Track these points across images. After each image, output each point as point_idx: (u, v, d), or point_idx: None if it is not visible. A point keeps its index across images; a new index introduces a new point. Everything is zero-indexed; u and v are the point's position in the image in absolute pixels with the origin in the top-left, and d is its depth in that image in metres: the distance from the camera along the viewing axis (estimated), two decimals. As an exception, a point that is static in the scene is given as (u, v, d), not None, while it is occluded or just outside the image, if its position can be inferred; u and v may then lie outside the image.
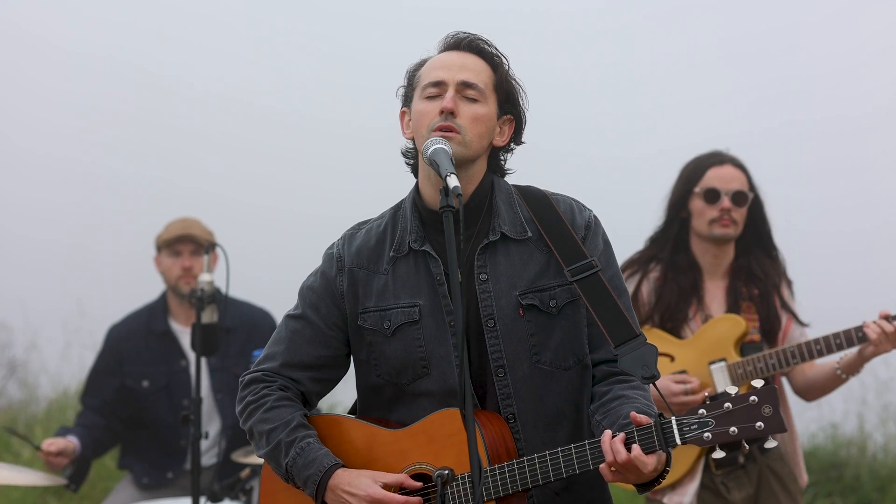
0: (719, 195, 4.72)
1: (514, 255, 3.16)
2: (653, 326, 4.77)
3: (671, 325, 4.76)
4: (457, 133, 3.09)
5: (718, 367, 4.64)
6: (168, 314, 5.85)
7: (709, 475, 4.68)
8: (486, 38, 3.23)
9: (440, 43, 3.25)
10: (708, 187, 4.74)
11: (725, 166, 4.76)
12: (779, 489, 4.72)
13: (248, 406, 3.27)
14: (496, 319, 3.12)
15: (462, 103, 3.12)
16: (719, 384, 4.62)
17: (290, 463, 3.15)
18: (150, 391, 5.74)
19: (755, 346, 4.70)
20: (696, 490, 4.66)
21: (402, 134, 3.25)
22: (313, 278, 3.30)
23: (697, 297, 4.77)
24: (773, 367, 4.57)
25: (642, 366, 3.02)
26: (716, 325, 4.70)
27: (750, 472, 4.70)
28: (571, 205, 3.24)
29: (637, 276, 4.82)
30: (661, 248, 4.84)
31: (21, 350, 9.47)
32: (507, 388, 3.12)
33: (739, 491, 4.68)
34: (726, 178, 4.74)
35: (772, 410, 2.86)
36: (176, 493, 5.67)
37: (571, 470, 2.99)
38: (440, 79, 3.14)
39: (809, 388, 4.78)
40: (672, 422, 2.91)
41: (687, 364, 4.69)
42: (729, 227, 4.74)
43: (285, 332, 3.29)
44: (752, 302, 4.76)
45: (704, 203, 4.75)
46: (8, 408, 9.27)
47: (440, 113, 3.09)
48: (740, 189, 4.74)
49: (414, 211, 3.21)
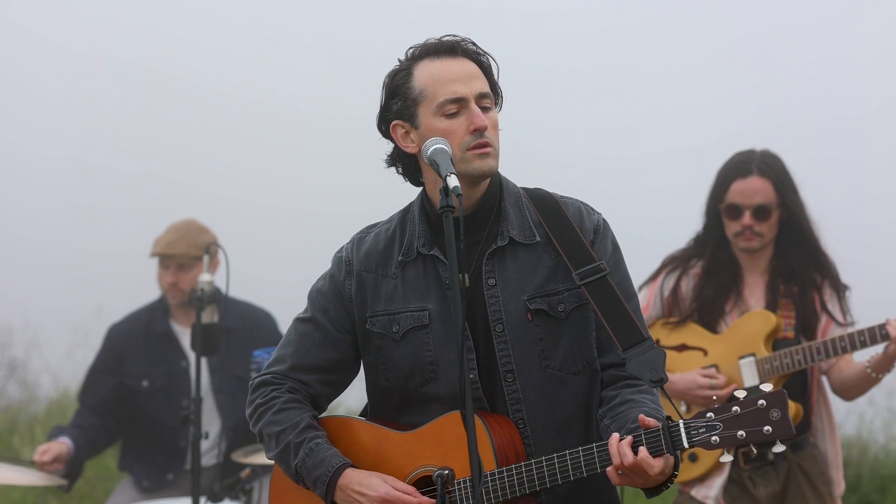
0: (741, 212, 4.74)
1: (522, 260, 3.15)
2: (691, 321, 4.80)
3: (708, 318, 4.80)
4: (490, 147, 3.07)
5: (747, 362, 4.66)
6: (169, 315, 5.85)
7: (737, 469, 4.71)
8: (466, 36, 3.17)
9: (422, 48, 3.15)
10: (730, 203, 4.75)
11: (749, 178, 4.74)
12: (807, 488, 4.73)
13: (257, 409, 3.26)
14: (504, 324, 3.12)
15: (483, 114, 3.09)
16: (747, 379, 4.65)
17: (299, 464, 3.15)
18: (150, 391, 5.73)
19: (789, 342, 4.70)
20: (724, 483, 4.69)
21: (403, 148, 3.17)
22: (322, 281, 3.29)
23: (736, 292, 4.79)
24: (799, 363, 4.59)
25: (650, 369, 3.02)
26: (748, 320, 4.73)
27: (779, 468, 4.72)
28: (580, 208, 3.23)
29: (677, 271, 4.86)
30: (703, 247, 4.86)
31: (21, 350, 9.47)
32: (516, 394, 3.12)
33: (766, 487, 4.70)
34: (749, 192, 4.73)
35: (780, 415, 2.86)
36: (176, 494, 5.67)
37: (579, 472, 2.99)
38: (461, 95, 3.07)
39: (845, 386, 4.78)
40: (679, 425, 2.91)
41: (718, 358, 4.72)
42: (752, 241, 4.75)
43: (295, 334, 3.28)
44: (791, 299, 4.77)
45: (727, 219, 4.77)
46: (8, 408, 9.27)
47: (472, 131, 3.05)
48: (763, 203, 4.73)
49: (422, 215, 3.20)
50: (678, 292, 4.82)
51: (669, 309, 4.85)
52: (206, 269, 4.98)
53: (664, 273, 4.88)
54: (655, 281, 4.90)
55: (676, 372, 4.72)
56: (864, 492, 7.90)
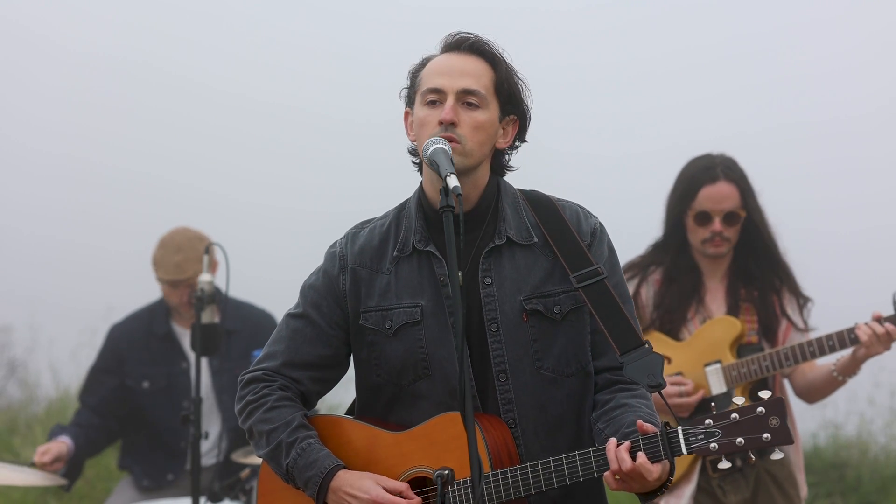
0: (711, 218, 4.71)
1: (519, 260, 3.15)
2: (652, 329, 4.77)
3: (669, 326, 4.76)
4: (457, 143, 3.06)
5: (713, 369, 4.64)
6: (169, 316, 5.84)
7: (705, 478, 4.67)
8: (487, 38, 3.19)
9: (441, 42, 3.21)
10: (700, 210, 4.71)
11: (717, 184, 4.71)
12: (776, 493, 4.72)
13: (248, 405, 3.25)
14: (499, 324, 3.12)
15: (462, 111, 3.09)
16: (714, 386, 4.62)
17: (290, 464, 3.15)
18: (151, 392, 5.73)
19: (753, 347, 4.69)
20: (693, 493, 4.65)
21: (406, 135, 3.23)
22: (315, 277, 3.29)
23: (698, 298, 4.77)
24: (767, 370, 4.58)
25: (648, 374, 3.02)
26: (712, 326, 4.70)
27: (747, 475, 4.69)
28: (577, 211, 3.23)
29: (636, 279, 4.82)
30: (663, 253, 4.83)
31: (21, 350, 9.48)
32: (508, 394, 3.12)
33: (736, 494, 4.68)
34: (718, 197, 4.70)
35: (779, 422, 2.86)
36: (176, 494, 5.67)
37: (575, 477, 2.99)
38: (440, 86, 3.11)
39: (809, 390, 4.77)
40: (678, 431, 2.91)
41: (683, 366, 4.69)
42: (721, 247, 4.73)
43: (286, 330, 3.28)
44: (752, 303, 4.76)
45: (696, 225, 4.74)
46: (8, 408, 9.28)
47: (439, 123, 3.07)
48: (731, 209, 4.71)
49: (419, 211, 3.20)
50: (638, 300, 4.78)
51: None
52: (205, 269, 4.97)
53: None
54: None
55: None
56: (864, 492, 7.90)
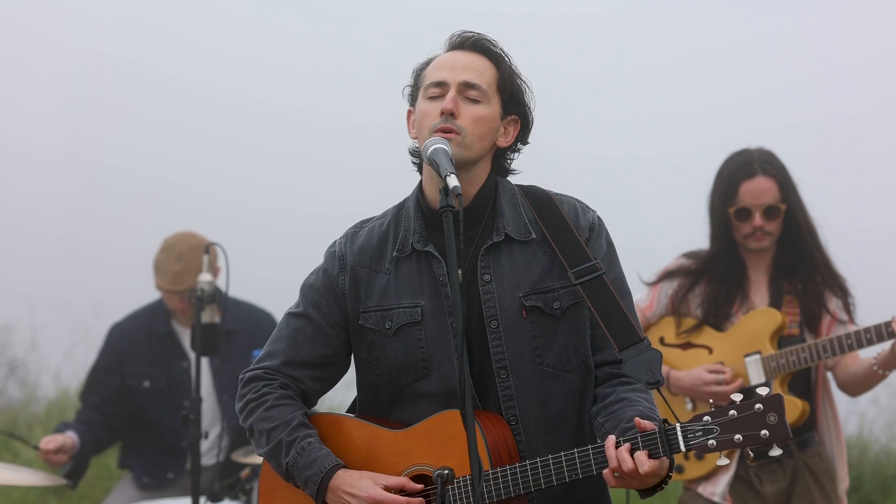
0: (751, 213, 4.74)
1: (517, 257, 3.15)
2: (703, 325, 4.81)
3: (714, 320, 4.80)
4: (456, 134, 3.07)
5: (753, 360, 4.67)
6: (170, 315, 5.84)
7: (743, 467, 4.73)
8: (492, 37, 3.21)
9: (446, 42, 3.23)
10: (740, 206, 4.75)
11: (756, 179, 4.74)
12: (813, 486, 4.74)
13: (248, 404, 3.25)
14: (499, 321, 3.11)
15: (463, 104, 3.10)
16: (753, 376, 4.66)
17: (290, 462, 3.15)
18: (151, 391, 5.73)
19: (795, 339, 4.71)
20: (730, 481, 4.71)
21: (408, 133, 3.24)
22: (315, 276, 3.29)
23: (742, 293, 4.80)
24: (806, 361, 4.61)
25: (647, 371, 3.01)
26: (753, 317, 4.74)
27: (785, 465, 4.73)
28: (575, 206, 3.23)
29: (685, 288, 4.84)
30: (715, 260, 4.83)
31: (21, 350, 9.48)
32: (509, 390, 3.11)
33: (772, 484, 4.72)
34: (757, 192, 4.73)
35: (777, 419, 2.85)
36: (176, 494, 5.67)
37: (575, 475, 2.98)
38: (442, 79, 3.13)
39: (851, 383, 4.79)
40: (676, 428, 2.91)
41: (724, 356, 4.73)
42: (763, 241, 4.76)
43: (286, 329, 3.28)
44: (794, 295, 4.79)
45: (738, 221, 4.77)
46: (8, 408, 9.27)
47: (440, 114, 3.08)
48: (771, 203, 4.74)
49: (417, 210, 3.20)
50: (688, 298, 4.83)
51: (674, 306, 4.86)
52: (205, 269, 4.97)
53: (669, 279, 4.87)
54: (658, 285, 4.90)
55: (682, 370, 4.73)
56: (865, 492, 7.90)
